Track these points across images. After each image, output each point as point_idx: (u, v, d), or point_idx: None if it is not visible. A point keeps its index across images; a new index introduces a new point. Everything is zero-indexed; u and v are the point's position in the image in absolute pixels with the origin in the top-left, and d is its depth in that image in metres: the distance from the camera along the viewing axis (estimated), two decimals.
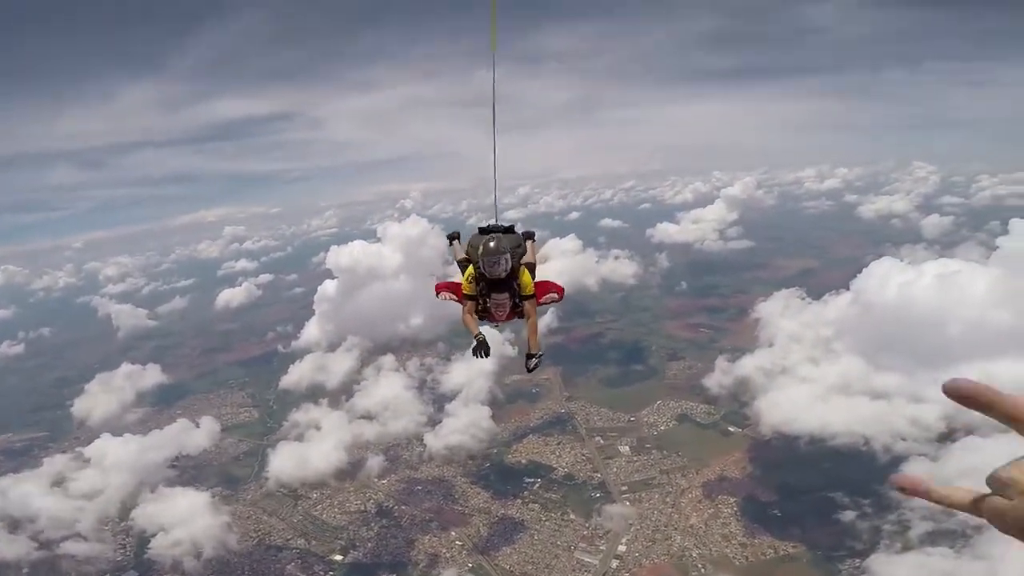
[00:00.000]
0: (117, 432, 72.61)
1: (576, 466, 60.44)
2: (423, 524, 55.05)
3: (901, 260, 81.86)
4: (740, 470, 56.61)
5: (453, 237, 10.00)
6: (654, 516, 51.88)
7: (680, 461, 58.96)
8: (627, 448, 62.37)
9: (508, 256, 7.58)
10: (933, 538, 44.19)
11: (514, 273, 7.75)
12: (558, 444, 64.53)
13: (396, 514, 56.80)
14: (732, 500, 52.61)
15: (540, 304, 8.09)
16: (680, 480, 56.13)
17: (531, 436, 66.52)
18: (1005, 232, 74.31)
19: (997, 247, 73.54)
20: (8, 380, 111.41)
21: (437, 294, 8.27)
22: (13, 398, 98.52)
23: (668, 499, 53.73)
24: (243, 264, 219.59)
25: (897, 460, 52.85)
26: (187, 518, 55.59)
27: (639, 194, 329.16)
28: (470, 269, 7.87)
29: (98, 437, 70.66)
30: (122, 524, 58.63)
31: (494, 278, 7.59)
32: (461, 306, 7.97)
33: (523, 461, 62.47)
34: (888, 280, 73.01)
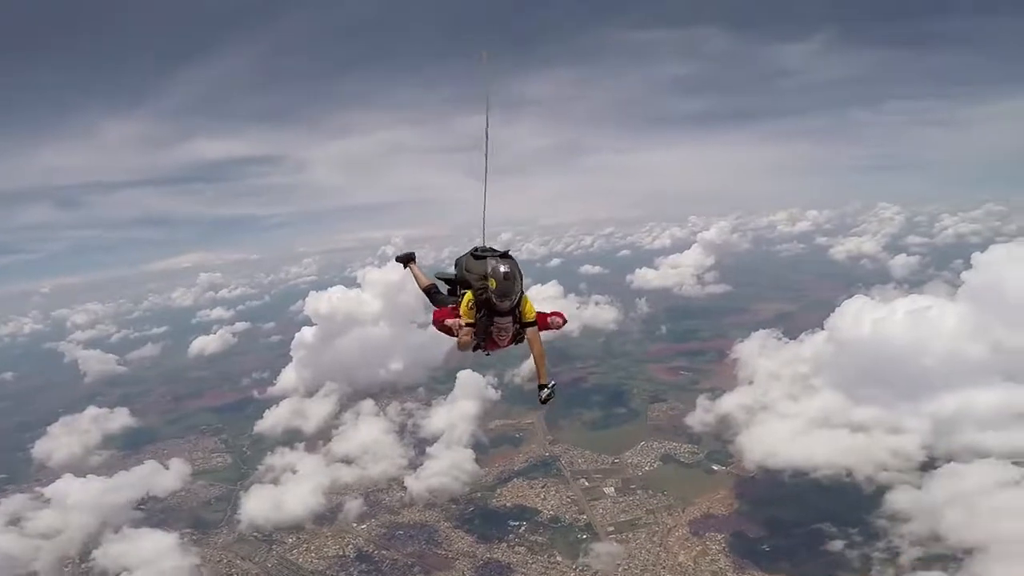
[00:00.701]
0: (80, 474, 69.66)
1: (562, 508, 59.39)
2: (405, 569, 53.11)
3: (872, 299, 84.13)
4: (727, 507, 56.10)
5: (407, 260, 9.23)
6: (642, 555, 50.90)
7: (666, 500, 58.36)
8: (612, 489, 61.75)
9: (520, 287, 7.13)
10: (924, 564, 44.16)
11: (516, 306, 7.23)
12: (543, 487, 63.53)
13: (376, 559, 54.71)
14: (720, 536, 51.97)
15: (544, 330, 7.58)
16: (667, 519, 55.39)
17: (515, 480, 65.44)
18: (969, 268, 77.10)
19: (962, 283, 76.09)
20: None
21: (438, 324, 7.55)
22: None
23: (655, 538, 52.88)
24: (219, 312, 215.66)
25: (881, 490, 53.07)
26: (153, 559, 53.13)
27: (618, 240, 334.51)
28: (469, 295, 7.27)
29: (59, 478, 67.73)
30: (83, 565, 55.88)
31: (504, 306, 6.98)
32: (455, 336, 7.32)
33: (508, 504, 61.20)
34: (861, 317, 74.84)
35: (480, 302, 7.10)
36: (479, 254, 7.59)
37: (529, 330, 7.25)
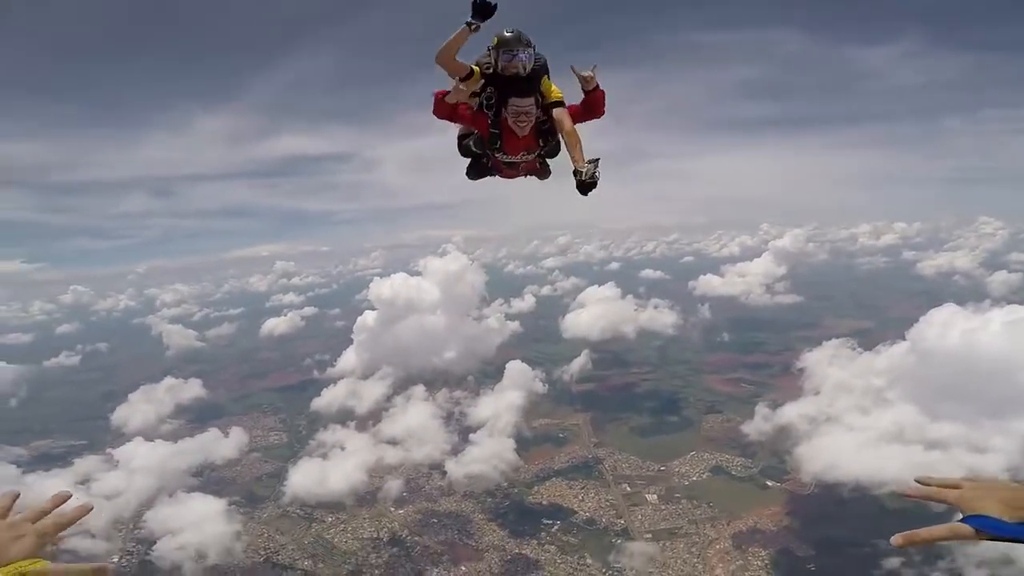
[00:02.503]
0: (150, 440, 74.32)
1: (599, 511, 57.65)
2: (434, 556, 53.00)
3: (965, 310, 76.74)
4: (776, 522, 52.70)
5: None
6: (677, 565, 48.68)
7: (711, 512, 55.37)
8: (655, 497, 59.30)
9: (531, 51, 5.82)
10: None
11: (534, 80, 5.98)
12: (582, 488, 61.91)
13: (408, 544, 54.98)
14: (763, 552, 48.84)
15: (575, 117, 6.12)
16: (709, 531, 52.60)
17: (555, 479, 64.10)
18: None
19: None
20: (60, 389, 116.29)
21: (438, 106, 6.04)
22: (62, 406, 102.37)
23: (694, 549, 50.37)
24: (290, 297, 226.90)
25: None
26: (199, 523, 55.40)
27: (682, 247, 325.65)
28: (476, 74, 5.82)
29: (130, 441, 72.31)
30: (133, 525, 59.17)
31: (510, 75, 5.80)
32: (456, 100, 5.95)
33: (544, 502, 60.03)
34: (950, 328, 68.42)
35: (486, 78, 5.87)
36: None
37: (556, 110, 6.06)
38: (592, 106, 6.18)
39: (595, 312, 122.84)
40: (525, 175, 6.72)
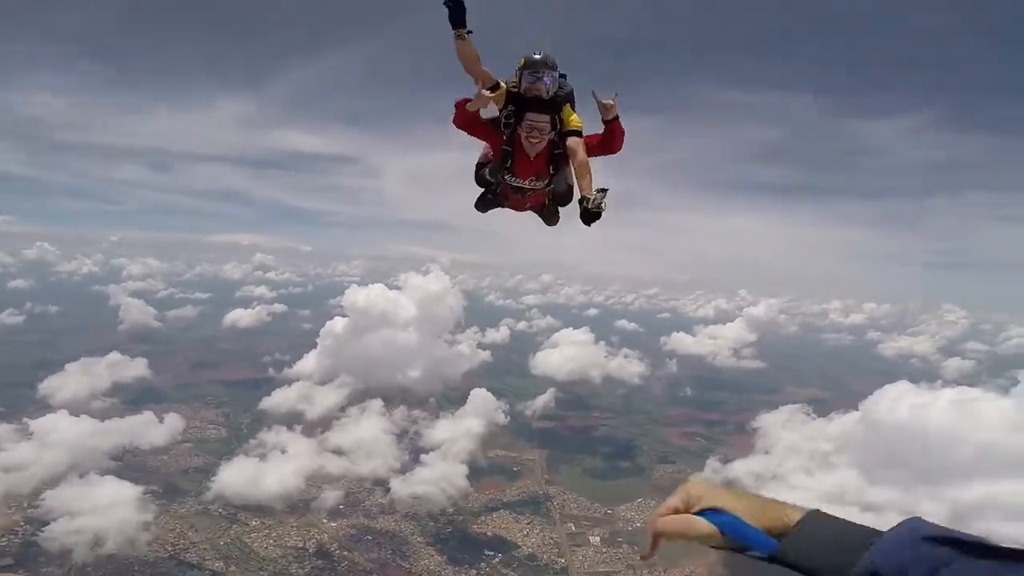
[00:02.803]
0: (75, 415, 69.38)
1: (542, 548, 56.85)
2: (362, 574, 50.96)
3: (917, 387, 79.65)
4: (711, 573, 52.70)
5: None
6: None
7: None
8: (598, 539, 59.14)
9: (556, 75, 5.88)
10: None
11: (556, 105, 5.97)
12: (528, 523, 61.06)
13: (335, 558, 52.57)
14: None
15: (591, 150, 6.04)
16: None
17: (502, 511, 63.06)
18: None
19: (1019, 380, 71.53)
20: None
21: (458, 113, 5.92)
22: None
23: None
24: (262, 291, 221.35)
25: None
26: (104, 508, 51.66)
27: (660, 303, 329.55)
28: (502, 90, 5.87)
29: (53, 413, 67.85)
30: (28, 504, 54.68)
31: (532, 96, 5.84)
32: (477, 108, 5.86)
33: (488, 533, 58.76)
34: (900, 402, 70.91)
35: (510, 96, 5.90)
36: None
37: (571, 138, 5.94)
38: (609, 139, 6.15)
39: (566, 353, 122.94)
40: (532, 209, 6.63)
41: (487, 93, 5.66)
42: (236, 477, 60.78)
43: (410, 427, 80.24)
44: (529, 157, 6.00)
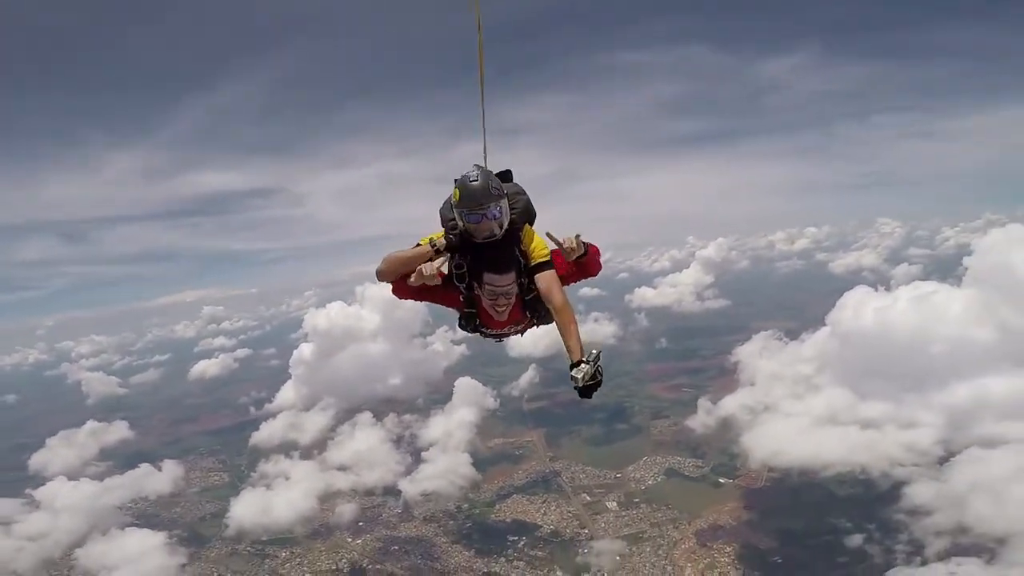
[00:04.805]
0: (74, 479, 69.53)
1: (562, 523, 57.73)
2: None
3: (874, 290, 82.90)
4: (735, 518, 54.19)
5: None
6: (646, 569, 49.08)
7: (671, 514, 56.37)
8: (615, 504, 60.01)
9: (504, 203, 4.69)
10: (952, 553, 42.49)
11: (513, 235, 4.84)
12: (543, 502, 61.86)
13: (370, 573, 52.95)
14: (728, 549, 49.95)
15: (567, 279, 5.13)
16: (672, 532, 53.43)
17: (515, 495, 63.81)
18: None
19: (966, 268, 74.89)
20: None
21: (397, 287, 5.05)
22: None
23: (661, 551, 50.93)
24: (220, 341, 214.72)
25: (899, 485, 51.48)
26: (137, 558, 51.92)
27: (617, 265, 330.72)
28: (435, 236, 4.83)
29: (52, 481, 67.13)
30: (64, 566, 54.94)
31: (483, 240, 4.69)
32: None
33: (507, 520, 59.55)
34: (863, 309, 73.57)
35: (451, 244, 4.72)
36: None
37: (541, 276, 4.81)
38: (585, 268, 5.24)
39: (537, 331, 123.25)
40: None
41: (433, 266, 4.63)
42: (249, 509, 60.88)
43: (404, 432, 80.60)
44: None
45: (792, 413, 65.86)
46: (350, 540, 58.17)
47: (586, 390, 4.55)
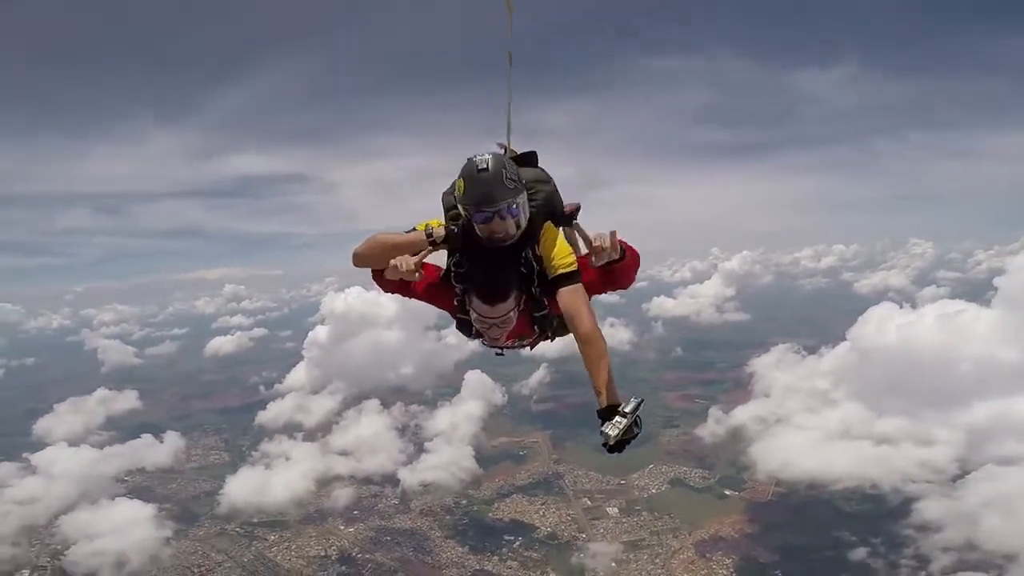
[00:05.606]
0: (75, 446, 69.99)
1: (560, 526, 56.66)
2: (388, 574, 50.68)
3: (899, 306, 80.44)
4: (737, 531, 52.75)
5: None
6: None
7: (672, 523, 55.17)
8: (615, 510, 58.89)
9: (523, 198, 3.75)
10: (958, 568, 41.50)
11: (530, 233, 3.87)
12: (543, 504, 60.87)
13: (359, 562, 52.24)
14: (728, 561, 48.65)
15: (589, 288, 4.03)
16: (671, 541, 52.21)
17: (515, 495, 62.84)
18: None
19: (996, 290, 72.12)
20: None
21: (381, 284, 4.28)
22: None
23: (658, 560, 49.76)
24: (239, 319, 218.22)
25: (909, 501, 49.90)
26: (122, 528, 51.67)
27: (637, 273, 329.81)
28: (434, 223, 4.07)
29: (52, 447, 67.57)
30: (47, 532, 54.83)
31: (494, 245, 3.77)
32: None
33: (505, 519, 58.60)
34: (887, 324, 71.28)
35: (451, 236, 3.85)
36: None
37: (565, 293, 3.78)
38: (615, 277, 4.20)
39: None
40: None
41: (410, 262, 3.76)
42: (243, 488, 60.69)
43: (410, 421, 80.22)
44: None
45: (805, 426, 64.35)
46: (342, 527, 57.66)
47: (619, 445, 3.60)
